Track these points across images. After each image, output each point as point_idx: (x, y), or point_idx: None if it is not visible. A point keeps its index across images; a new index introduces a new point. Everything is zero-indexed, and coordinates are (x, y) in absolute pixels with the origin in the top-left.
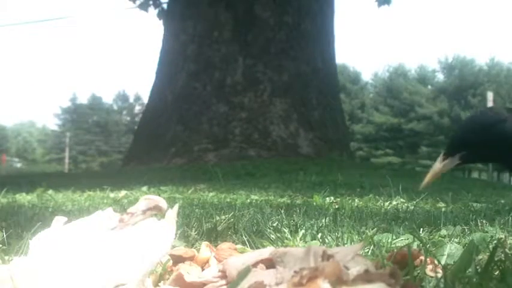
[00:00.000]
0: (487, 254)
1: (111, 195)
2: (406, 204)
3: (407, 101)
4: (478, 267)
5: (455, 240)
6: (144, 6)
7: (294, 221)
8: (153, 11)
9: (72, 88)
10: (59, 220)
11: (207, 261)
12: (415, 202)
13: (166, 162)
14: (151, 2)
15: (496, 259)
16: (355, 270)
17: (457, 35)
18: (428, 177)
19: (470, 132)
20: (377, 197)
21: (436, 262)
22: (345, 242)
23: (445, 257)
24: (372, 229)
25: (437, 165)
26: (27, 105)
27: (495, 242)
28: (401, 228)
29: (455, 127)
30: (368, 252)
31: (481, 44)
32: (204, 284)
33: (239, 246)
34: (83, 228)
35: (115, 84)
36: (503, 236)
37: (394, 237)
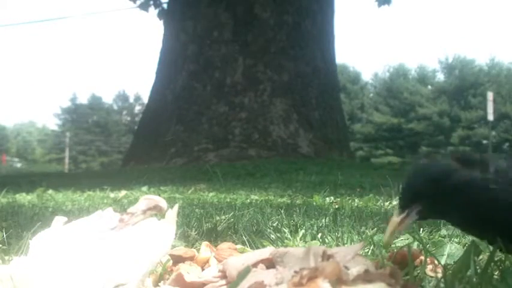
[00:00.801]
0: (487, 254)
1: (111, 195)
2: None
3: (407, 101)
4: (477, 267)
5: (455, 240)
6: (144, 6)
7: (294, 221)
8: (153, 11)
9: (72, 88)
10: (59, 220)
11: (207, 261)
12: None
13: (166, 162)
14: (151, 2)
15: (495, 259)
16: (355, 270)
17: (457, 35)
18: (387, 233)
19: (419, 186)
20: (377, 197)
21: (436, 262)
22: (345, 242)
23: (445, 257)
24: (372, 229)
25: (395, 219)
26: (27, 105)
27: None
28: None
29: (408, 172)
30: (368, 252)
31: (481, 44)
32: (204, 284)
33: (239, 246)
34: (83, 228)
35: (115, 84)
36: None
37: (394, 237)
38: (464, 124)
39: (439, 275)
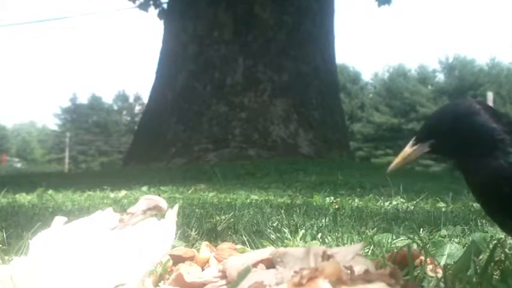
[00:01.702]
0: (487, 254)
1: (111, 195)
2: (406, 204)
3: (407, 101)
4: (477, 267)
5: (455, 240)
6: (144, 7)
7: (294, 221)
8: (153, 11)
9: (72, 88)
10: (59, 220)
11: (207, 261)
12: (415, 202)
13: (166, 162)
14: (151, 2)
15: (495, 259)
16: (355, 270)
17: (457, 35)
18: (396, 161)
19: (440, 120)
20: (377, 197)
21: (436, 262)
22: (345, 242)
23: (445, 257)
24: (372, 229)
25: (407, 150)
26: (27, 105)
27: (495, 242)
28: (401, 228)
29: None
30: (368, 252)
31: (481, 44)
32: (204, 284)
33: (239, 246)
34: (83, 228)
35: (115, 84)
36: (502, 236)
37: (394, 237)
38: None
39: (439, 275)
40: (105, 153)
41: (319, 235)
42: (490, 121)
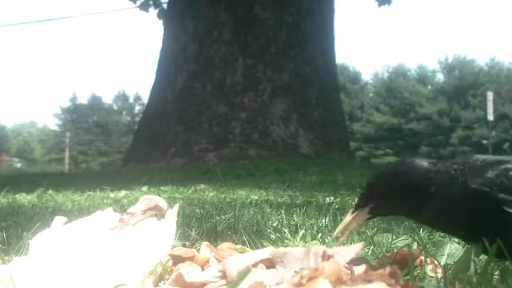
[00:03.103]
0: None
1: (111, 195)
2: None
3: (407, 101)
4: (477, 267)
5: (455, 240)
6: (144, 7)
7: (294, 221)
8: (153, 11)
9: (72, 88)
10: (59, 220)
11: (207, 261)
12: None
13: (166, 162)
14: (151, 2)
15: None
16: (355, 270)
17: (457, 35)
18: (338, 229)
19: (375, 185)
20: None
21: (436, 262)
22: (345, 242)
23: (445, 257)
24: (372, 229)
25: (347, 218)
26: (27, 105)
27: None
28: (401, 228)
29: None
30: (368, 252)
31: (481, 44)
32: (204, 284)
33: (239, 246)
34: (83, 228)
35: (115, 84)
36: None
37: (394, 237)
38: (464, 124)
39: (439, 275)
40: (105, 153)
41: (319, 235)
42: (421, 172)
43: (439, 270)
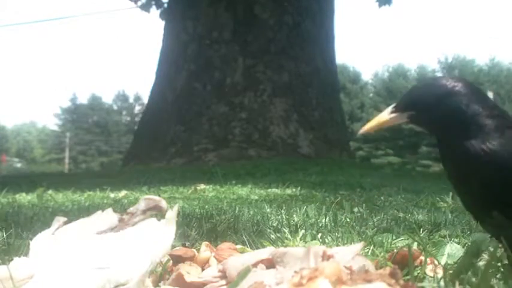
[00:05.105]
0: (487, 254)
1: (111, 195)
2: (406, 204)
3: None
4: (477, 267)
5: (455, 240)
6: (146, 7)
7: (294, 221)
8: (154, 12)
9: (72, 88)
10: (59, 220)
11: (207, 261)
12: (415, 202)
13: (166, 162)
14: (153, 2)
15: (495, 260)
16: (355, 270)
17: (457, 35)
18: (371, 125)
19: (423, 95)
20: (377, 197)
21: (436, 262)
22: (345, 242)
23: (445, 257)
24: (372, 229)
25: (384, 116)
26: (27, 105)
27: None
28: (401, 228)
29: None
30: (368, 252)
31: (481, 44)
32: (204, 284)
33: (239, 246)
34: (83, 228)
35: (115, 84)
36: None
37: (394, 237)
38: None
39: (439, 275)
40: (105, 153)
41: (319, 235)
42: (474, 104)
43: (439, 270)
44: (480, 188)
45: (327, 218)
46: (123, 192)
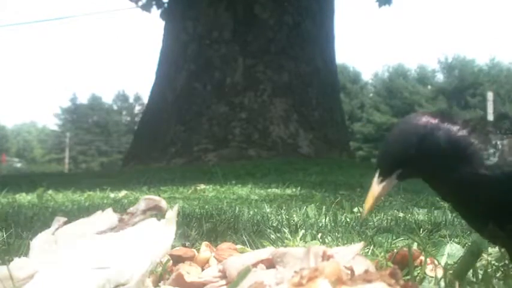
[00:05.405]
0: (488, 254)
1: (111, 195)
2: (406, 205)
3: (407, 101)
4: (477, 267)
5: (455, 240)
6: (146, 7)
7: (294, 221)
8: (154, 12)
9: (72, 88)
10: (59, 220)
11: (207, 261)
12: (415, 202)
13: (166, 162)
14: (154, 3)
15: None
16: (355, 270)
17: (457, 35)
18: (369, 204)
19: (401, 148)
20: None
21: (436, 262)
22: (345, 242)
23: (445, 257)
24: (372, 229)
25: (376, 189)
26: (27, 105)
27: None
28: (401, 228)
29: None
30: (368, 252)
31: (481, 44)
32: (204, 284)
33: (239, 246)
34: (83, 228)
35: (115, 84)
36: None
37: (394, 237)
38: None
39: (439, 275)
40: (105, 153)
41: (319, 235)
42: (453, 132)
43: (439, 270)
44: (480, 207)
45: (327, 218)
46: (123, 192)
